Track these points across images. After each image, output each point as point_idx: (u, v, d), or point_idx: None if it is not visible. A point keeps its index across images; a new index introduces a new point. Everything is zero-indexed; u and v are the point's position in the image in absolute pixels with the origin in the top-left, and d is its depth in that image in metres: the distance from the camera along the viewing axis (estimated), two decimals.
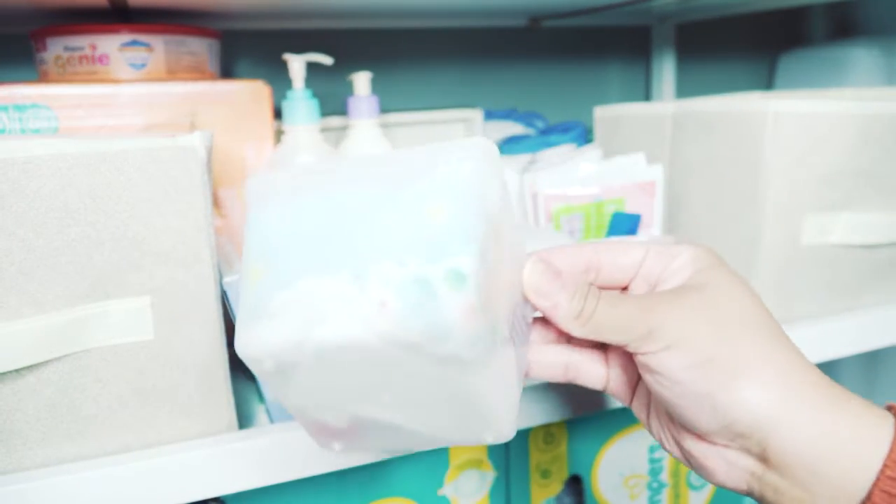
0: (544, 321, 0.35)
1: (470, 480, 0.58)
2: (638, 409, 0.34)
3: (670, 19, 0.96)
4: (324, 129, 0.64)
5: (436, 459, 0.56)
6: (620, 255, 0.32)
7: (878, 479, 0.26)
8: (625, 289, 0.34)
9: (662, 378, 0.29)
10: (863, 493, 0.26)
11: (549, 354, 0.34)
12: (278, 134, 0.58)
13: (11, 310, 0.35)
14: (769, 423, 0.27)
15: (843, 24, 1.07)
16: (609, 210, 0.58)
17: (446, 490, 0.57)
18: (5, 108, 0.48)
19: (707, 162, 0.55)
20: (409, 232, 0.26)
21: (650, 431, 0.34)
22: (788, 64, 1.00)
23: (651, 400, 0.33)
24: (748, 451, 0.29)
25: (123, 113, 0.51)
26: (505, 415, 0.30)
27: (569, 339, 0.35)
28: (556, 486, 0.62)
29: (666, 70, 0.98)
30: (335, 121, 0.66)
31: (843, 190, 0.52)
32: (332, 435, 0.30)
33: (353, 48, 0.85)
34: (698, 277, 0.30)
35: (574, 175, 0.58)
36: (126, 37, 0.55)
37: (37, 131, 0.49)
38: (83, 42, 0.54)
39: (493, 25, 0.91)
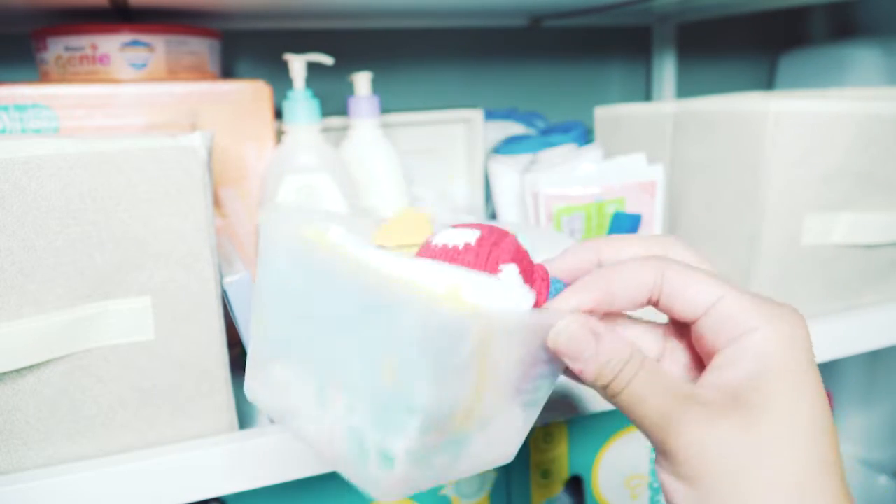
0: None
1: (470, 481, 0.58)
2: None
3: (671, 19, 0.96)
4: (324, 129, 0.64)
5: None
6: (690, 291, 0.26)
7: None
8: (686, 325, 0.28)
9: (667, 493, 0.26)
10: None
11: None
12: (279, 134, 0.58)
13: (12, 310, 0.35)
14: None
15: (844, 24, 1.07)
16: (610, 210, 0.58)
17: (447, 490, 0.57)
18: (6, 108, 0.48)
19: (707, 162, 0.55)
20: (364, 373, 0.25)
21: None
22: (789, 64, 1.00)
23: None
24: None
25: (124, 113, 0.51)
26: (505, 451, 0.30)
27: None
28: (556, 487, 0.62)
29: (666, 70, 0.98)
30: (336, 121, 0.66)
31: (844, 190, 0.52)
32: None
33: (353, 48, 0.85)
34: (763, 385, 0.25)
35: (575, 175, 0.58)
36: (127, 37, 0.55)
37: (38, 131, 0.49)
38: (84, 42, 0.54)
39: (494, 25, 0.91)
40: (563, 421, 0.60)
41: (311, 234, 0.29)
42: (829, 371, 1.04)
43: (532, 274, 0.29)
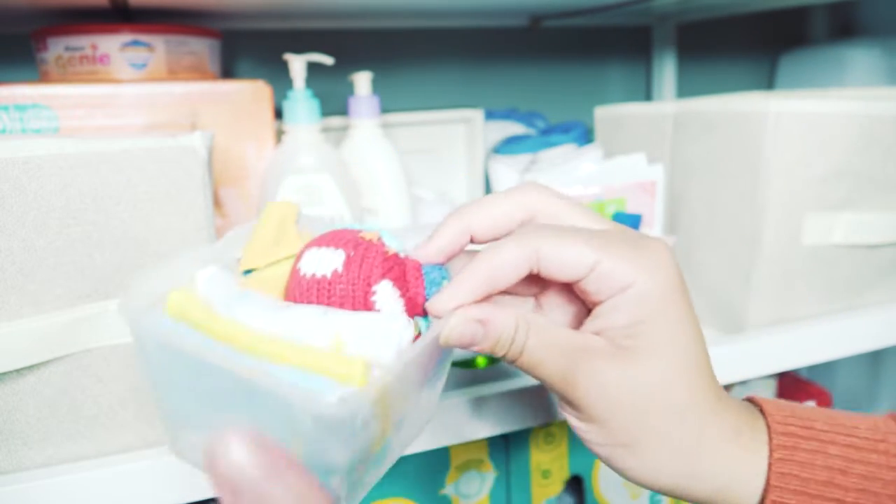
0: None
1: (470, 481, 0.58)
2: None
3: (671, 19, 0.96)
4: (324, 129, 0.64)
5: (436, 460, 0.56)
6: (567, 260, 0.28)
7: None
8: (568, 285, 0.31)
9: (579, 429, 0.30)
10: None
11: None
12: (279, 134, 0.58)
13: (11, 310, 0.35)
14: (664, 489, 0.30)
15: (844, 24, 1.07)
16: (610, 210, 0.58)
17: (447, 490, 0.57)
18: (6, 108, 0.48)
19: (707, 162, 0.55)
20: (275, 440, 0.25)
21: None
22: (789, 64, 1.00)
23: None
24: None
25: (124, 113, 0.51)
26: (427, 420, 0.32)
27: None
28: (556, 487, 0.62)
29: (666, 70, 0.98)
30: (336, 121, 0.66)
31: (844, 190, 0.52)
32: None
33: (353, 48, 0.85)
34: (644, 328, 0.28)
35: (575, 175, 0.58)
36: (127, 37, 0.55)
37: (38, 131, 0.49)
38: (84, 42, 0.54)
39: (494, 25, 0.91)
40: (564, 421, 0.60)
41: (176, 299, 0.27)
42: (830, 371, 1.04)
43: (405, 277, 0.29)
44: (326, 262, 0.28)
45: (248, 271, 0.30)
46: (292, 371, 0.24)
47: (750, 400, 0.32)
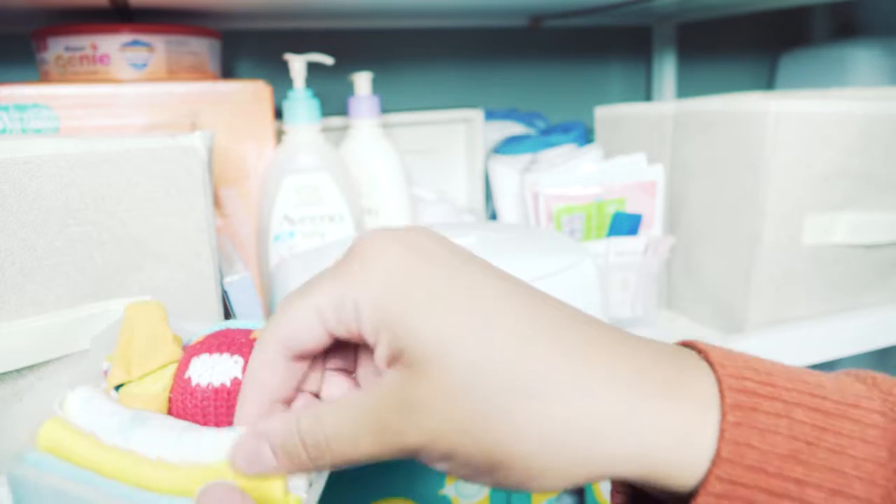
0: None
1: None
2: None
3: (671, 19, 0.96)
4: (324, 129, 0.64)
5: None
6: (304, 337, 0.24)
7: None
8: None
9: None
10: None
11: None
12: (279, 134, 0.58)
13: (12, 310, 0.35)
14: None
15: (844, 24, 1.07)
16: (610, 210, 0.58)
17: (447, 490, 0.57)
18: (6, 108, 0.48)
19: (708, 162, 0.55)
20: None
21: None
22: (789, 64, 1.00)
23: None
24: None
25: (124, 113, 0.51)
26: None
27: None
28: None
29: (667, 70, 0.98)
30: (336, 121, 0.66)
31: (844, 190, 0.52)
32: None
33: (353, 48, 0.85)
34: (396, 335, 0.22)
35: (575, 175, 0.58)
36: (127, 37, 0.55)
37: (38, 131, 0.49)
38: (84, 42, 0.54)
39: (494, 25, 0.91)
40: None
41: (50, 430, 0.24)
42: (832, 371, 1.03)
43: None
44: (223, 370, 0.26)
45: (119, 386, 0.27)
46: None
47: (688, 345, 0.25)
